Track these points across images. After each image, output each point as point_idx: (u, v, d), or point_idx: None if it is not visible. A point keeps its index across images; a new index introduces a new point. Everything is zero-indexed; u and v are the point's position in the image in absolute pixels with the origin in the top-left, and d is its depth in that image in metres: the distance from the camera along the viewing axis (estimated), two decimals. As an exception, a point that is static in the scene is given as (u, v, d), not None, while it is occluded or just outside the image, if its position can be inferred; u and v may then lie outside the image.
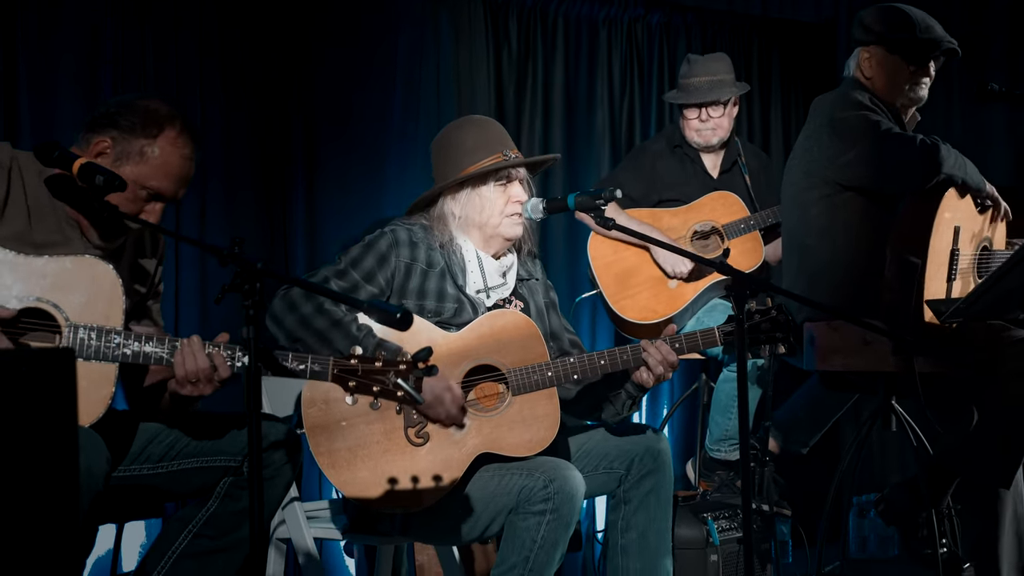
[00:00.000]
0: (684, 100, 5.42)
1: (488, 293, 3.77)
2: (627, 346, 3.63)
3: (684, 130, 5.48)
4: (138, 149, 3.23)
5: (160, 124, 3.26)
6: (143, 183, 3.23)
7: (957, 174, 4.25)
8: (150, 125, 3.25)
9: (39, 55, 4.97)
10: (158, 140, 3.25)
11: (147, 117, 3.25)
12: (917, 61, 4.47)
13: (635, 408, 3.82)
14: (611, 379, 3.71)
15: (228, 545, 3.30)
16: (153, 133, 3.24)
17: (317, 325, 3.49)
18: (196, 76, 5.36)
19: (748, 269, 5.19)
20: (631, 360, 3.62)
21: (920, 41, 4.44)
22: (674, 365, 3.62)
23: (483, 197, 3.74)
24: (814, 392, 4.91)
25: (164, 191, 3.27)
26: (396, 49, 5.88)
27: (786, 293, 3.93)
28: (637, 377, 3.64)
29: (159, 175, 3.25)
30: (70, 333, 3.02)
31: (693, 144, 5.47)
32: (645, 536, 3.71)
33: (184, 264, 5.24)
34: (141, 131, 3.24)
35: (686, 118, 5.45)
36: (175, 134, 3.27)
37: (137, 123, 3.24)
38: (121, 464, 3.26)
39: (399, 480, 3.48)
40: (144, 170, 3.24)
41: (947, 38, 4.47)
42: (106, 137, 3.24)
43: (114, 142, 3.23)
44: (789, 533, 5.20)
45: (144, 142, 3.24)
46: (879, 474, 6.51)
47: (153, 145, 3.24)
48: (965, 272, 4.35)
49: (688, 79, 5.43)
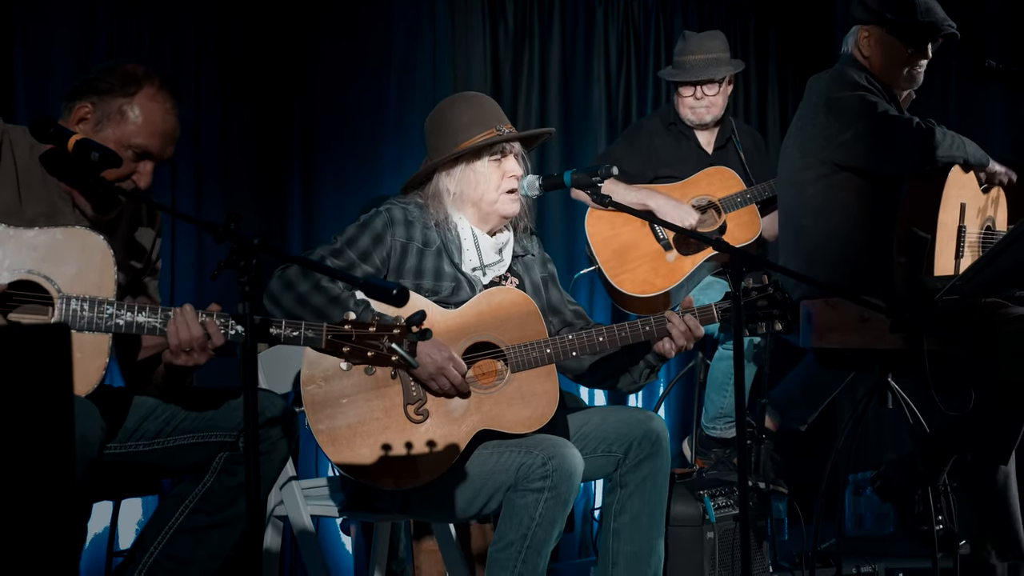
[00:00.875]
0: (680, 78, 5.41)
1: (484, 271, 3.76)
2: (649, 316, 3.67)
3: (678, 107, 5.47)
4: (117, 108, 3.21)
5: (138, 81, 3.23)
6: (127, 142, 3.20)
7: (956, 154, 4.25)
8: (128, 84, 3.22)
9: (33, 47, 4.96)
10: (136, 97, 3.22)
11: (124, 77, 3.23)
12: (916, 44, 4.45)
13: (653, 377, 3.86)
14: (630, 349, 3.73)
15: (225, 520, 3.29)
16: (131, 91, 3.22)
17: (315, 302, 3.48)
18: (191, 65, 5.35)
19: (745, 241, 5.19)
20: (654, 331, 3.65)
21: (920, 24, 4.42)
22: (698, 336, 3.68)
23: (477, 172, 3.72)
24: (811, 370, 4.91)
25: (150, 148, 3.24)
26: (392, 32, 5.88)
27: (783, 270, 3.93)
28: (659, 347, 3.69)
29: (143, 132, 3.22)
30: (62, 305, 3.01)
31: (687, 121, 5.46)
32: (638, 519, 3.70)
33: (180, 242, 5.24)
34: (120, 90, 3.21)
35: (680, 95, 5.45)
36: (154, 90, 3.25)
37: (116, 83, 3.22)
38: (116, 440, 3.26)
39: (398, 457, 3.48)
40: (126, 129, 3.21)
41: (947, 21, 4.44)
42: (86, 103, 3.22)
43: (94, 106, 3.21)
44: (785, 511, 5.21)
45: (123, 100, 3.21)
46: (875, 451, 6.52)
47: (132, 103, 3.22)
48: (973, 249, 4.34)
49: (683, 56, 5.42)
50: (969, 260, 4.29)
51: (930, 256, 4.15)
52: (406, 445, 3.49)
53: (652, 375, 3.83)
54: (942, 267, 4.19)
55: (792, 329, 3.83)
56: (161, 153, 3.28)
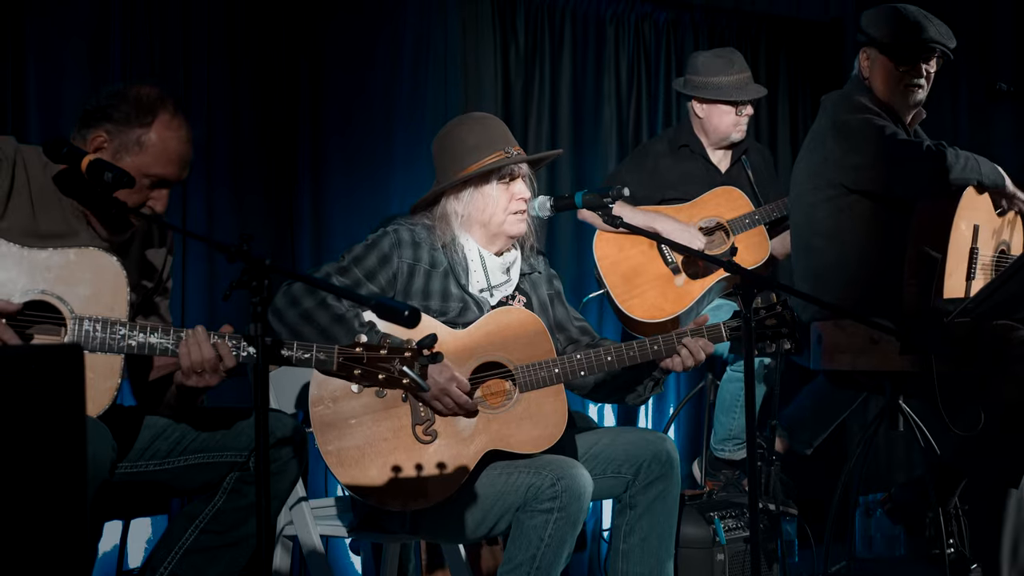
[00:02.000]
0: (734, 97, 5.34)
1: (492, 291, 3.76)
2: (658, 336, 3.67)
3: (704, 127, 5.43)
4: (135, 139, 3.22)
5: (153, 110, 3.24)
6: (145, 172, 3.22)
7: (970, 176, 4.24)
8: (143, 113, 3.23)
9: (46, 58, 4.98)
10: (153, 127, 3.23)
11: (139, 105, 3.23)
12: (905, 61, 4.45)
13: (658, 389, 3.88)
14: (636, 367, 3.73)
15: (234, 541, 3.30)
16: (147, 121, 3.23)
17: (319, 320, 3.48)
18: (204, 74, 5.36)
19: (755, 263, 5.17)
20: (662, 351, 3.66)
21: (903, 43, 4.42)
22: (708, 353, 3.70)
23: (486, 196, 3.73)
24: (821, 391, 4.91)
25: (168, 176, 3.26)
26: (402, 49, 5.88)
27: (793, 291, 3.93)
28: (666, 364, 3.70)
29: (161, 162, 3.24)
30: (75, 326, 3.02)
31: (714, 141, 5.44)
32: (647, 540, 3.70)
33: (191, 260, 5.24)
34: (136, 120, 3.22)
35: (720, 114, 5.40)
36: (168, 117, 3.26)
37: (131, 112, 3.22)
38: (127, 460, 3.26)
39: (407, 477, 3.48)
40: (145, 159, 3.22)
41: (935, 39, 4.42)
42: (101, 131, 3.22)
43: (110, 135, 3.22)
44: (795, 532, 5.20)
45: (140, 131, 3.22)
46: (885, 473, 6.50)
47: (149, 132, 3.23)
48: (985, 271, 4.33)
49: (724, 76, 5.36)
50: (981, 282, 4.28)
51: (940, 278, 4.15)
52: (415, 466, 3.49)
53: (657, 387, 3.85)
54: (952, 289, 4.18)
55: (801, 349, 3.83)
56: (178, 178, 3.30)
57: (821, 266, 4.46)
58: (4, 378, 1.96)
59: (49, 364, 2.02)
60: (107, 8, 5.11)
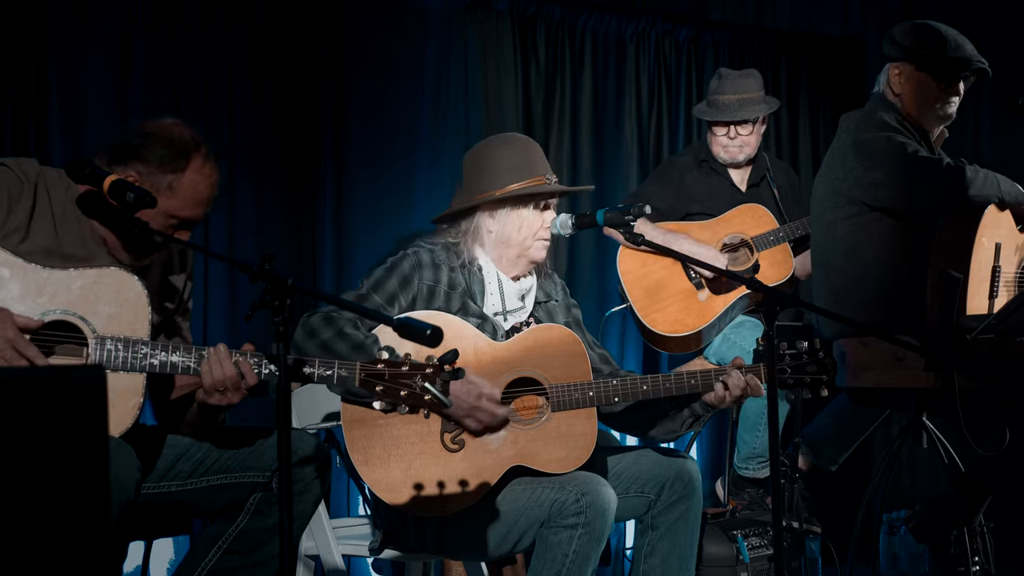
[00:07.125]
0: (713, 117, 5.40)
1: (506, 316, 3.75)
2: (696, 371, 3.62)
3: (711, 145, 5.47)
4: (167, 184, 3.22)
5: (186, 155, 3.24)
6: (174, 214, 3.23)
7: (990, 193, 4.22)
8: (176, 157, 3.22)
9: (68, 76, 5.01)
10: (186, 172, 3.23)
11: (172, 149, 3.23)
12: (947, 79, 4.44)
13: (696, 427, 3.80)
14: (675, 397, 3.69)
15: (258, 561, 3.30)
16: (181, 167, 3.23)
17: (338, 349, 3.44)
18: (225, 92, 5.39)
19: (778, 281, 5.16)
20: (699, 386, 3.62)
21: (950, 59, 4.40)
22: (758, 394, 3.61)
23: (521, 218, 3.72)
24: (844, 408, 4.88)
25: (194, 218, 3.28)
26: (424, 65, 5.90)
27: (817, 308, 3.91)
28: (710, 397, 3.64)
29: (190, 205, 3.25)
30: (97, 345, 3.03)
31: (719, 160, 5.45)
32: (668, 562, 3.68)
33: (213, 281, 5.26)
34: (169, 164, 3.22)
35: (714, 134, 5.44)
36: (201, 162, 3.26)
37: (164, 156, 3.21)
38: (150, 480, 3.27)
39: (430, 484, 3.47)
40: (175, 203, 3.23)
41: (977, 57, 4.43)
42: (132, 172, 3.21)
43: (141, 176, 3.20)
44: (819, 550, 5.17)
45: (172, 177, 3.22)
46: (909, 491, 6.46)
47: (181, 178, 3.23)
48: (1009, 288, 4.30)
49: (718, 95, 5.41)
50: (1004, 300, 4.25)
51: (963, 297, 4.12)
52: (438, 474, 3.48)
53: (697, 425, 3.77)
54: (975, 308, 4.15)
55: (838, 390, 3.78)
56: (201, 218, 3.31)
57: (840, 283, 4.45)
58: (27, 399, 1.97)
59: (72, 384, 2.02)
60: (129, 23, 5.15)
